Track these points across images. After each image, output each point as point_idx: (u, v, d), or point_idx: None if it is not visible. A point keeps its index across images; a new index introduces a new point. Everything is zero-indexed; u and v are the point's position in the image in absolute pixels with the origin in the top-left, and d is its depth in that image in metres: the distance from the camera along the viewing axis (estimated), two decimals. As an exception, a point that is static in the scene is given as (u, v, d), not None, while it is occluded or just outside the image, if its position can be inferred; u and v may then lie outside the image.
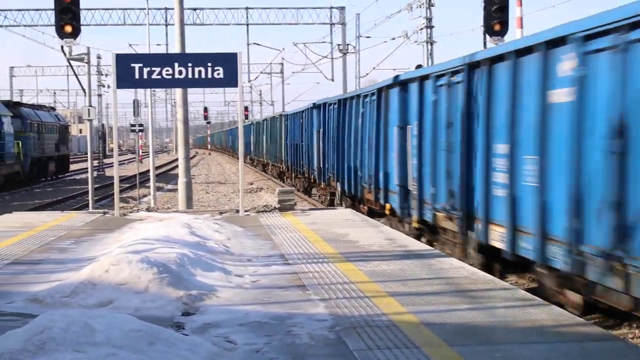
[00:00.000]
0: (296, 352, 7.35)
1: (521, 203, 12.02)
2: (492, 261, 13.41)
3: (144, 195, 38.12)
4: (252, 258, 12.81)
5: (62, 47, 21.91)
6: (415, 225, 17.46)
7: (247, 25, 59.87)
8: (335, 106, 27.87)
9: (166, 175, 59.29)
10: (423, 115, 17.00)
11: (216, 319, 8.65)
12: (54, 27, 21.98)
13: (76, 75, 27.78)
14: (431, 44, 43.16)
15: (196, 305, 9.38)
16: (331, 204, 28.92)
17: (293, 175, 42.68)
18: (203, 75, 18.96)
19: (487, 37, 21.13)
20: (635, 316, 9.73)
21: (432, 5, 43.37)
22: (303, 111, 38.31)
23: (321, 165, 31.42)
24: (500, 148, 12.86)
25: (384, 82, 20.93)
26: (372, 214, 21.61)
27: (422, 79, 17.09)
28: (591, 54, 10.08)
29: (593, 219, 9.90)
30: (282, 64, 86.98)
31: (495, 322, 8.33)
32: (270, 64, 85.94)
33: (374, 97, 21.51)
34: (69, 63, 24.42)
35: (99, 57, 69.88)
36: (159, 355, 6.93)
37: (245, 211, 19.95)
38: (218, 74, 18.96)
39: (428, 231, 17.00)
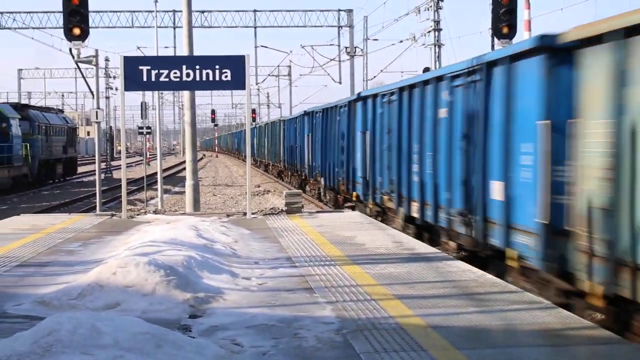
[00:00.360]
0: (303, 355, 7.34)
1: (426, 185, 16.97)
2: (421, 229, 17.83)
3: (152, 198, 38.15)
4: (259, 261, 12.81)
5: (70, 49, 21.91)
6: (370, 206, 22.24)
7: (255, 27, 59.98)
8: (321, 114, 32.72)
9: (173, 178, 59.33)
10: (375, 123, 21.96)
11: (223, 322, 8.65)
12: (62, 30, 21.99)
13: (84, 78, 27.77)
14: (439, 46, 43.13)
15: (203, 307, 9.38)
16: (318, 198, 34.06)
17: (289, 173, 47.39)
18: (211, 78, 18.99)
19: (496, 39, 21.06)
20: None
21: (440, 8, 43.34)
22: (297, 117, 42.94)
23: (311, 164, 36.04)
24: (415, 147, 17.83)
25: (352, 97, 26.62)
26: (345, 201, 27.30)
27: (374, 96, 22.21)
28: (454, 87, 15.17)
29: (457, 192, 14.81)
30: (289, 66, 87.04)
31: (502, 325, 8.32)
32: (278, 66, 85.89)
33: (346, 108, 26.32)
34: (77, 65, 24.41)
35: (107, 60, 69.93)
36: (166, 358, 6.93)
37: (253, 214, 19.96)
38: (226, 76, 18.99)
39: (382, 212, 21.43)
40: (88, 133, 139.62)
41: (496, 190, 12.98)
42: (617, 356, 7.25)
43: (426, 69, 35.50)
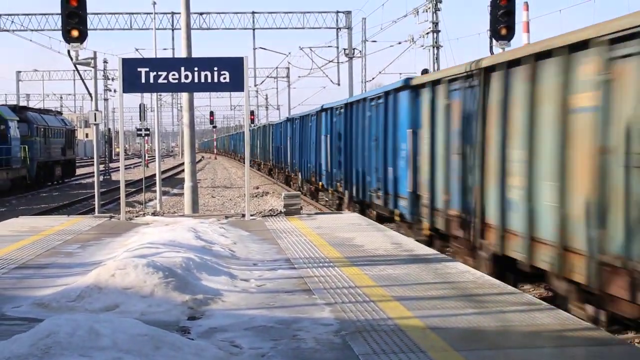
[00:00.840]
0: (302, 357, 7.34)
1: (359, 174, 24.12)
2: (361, 205, 24.01)
3: (150, 200, 38.15)
4: (257, 262, 12.81)
5: (68, 51, 21.86)
6: (330, 193, 29.84)
7: (254, 29, 60.04)
8: (299, 121, 40.92)
9: (172, 180, 59.32)
10: (332, 129, 29.21)
11: (222, 323, 8.64)
12: (60, 32, 21.97)
13: (82, 80, 27.71)
14: (437, 48, 43.19)
15: (202, 309, 9.38)
16: (299, 190, 38.74)
17: (277, 171, 54.23)
18: (209, 80, 18.99)
19: (494, 41, 21.06)
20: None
21: (439, 10, 43.40)
22: (281, 122, 51.75)
23: (292, 162, 43.71)
24: (354, 147, 25.00)
25: (318, 108, 33.22)
26: (317, 191, 35.16)
27: (331, 109, 29.36)
28: (372, 106, 22.47)
29: (373, 177, 21.99)
30: (288, 68, 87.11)
31: (501, 326, 8.32)
32: (277, 68, 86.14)
33: (315, 117, 34.40)
34: (76, 67, 24.39)
35: (105, 62, 70.05)
36: (165, 360, 6.93)
37: (251, 215, 19.96)
38: (224, 78, 18.99)
39: (338, 197, 28.29)
40: (86, 135, 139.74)
41: (390, 173, 20.59)
42: (615, 357, 7.25)
43: (424, 71, 35.51)
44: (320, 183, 32.87)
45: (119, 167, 25.34)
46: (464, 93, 15.07)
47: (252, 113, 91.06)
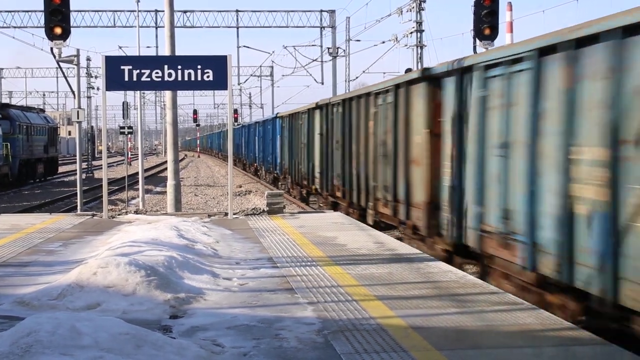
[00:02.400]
0: (284, 356, 7.33)
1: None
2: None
3: (133, 198, 38.05)
4: (240, 261, 12.79)
5: (51, 48, 21.77)
6: (281, 179, 37.71)
7: (237, 28, 59.92)
8: (262, 124, 50.39)
9: (155, 178, 59.16)
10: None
11: (204, 322, 8.63)
12: (43, 29, 21.88)
13: (65, 77, 27.63)
14: (421, 47, 43.21)
15: (184, 308, 9.36)
16: (274, 182, 44.67)
17: (252, 167, 59.52)
18: (193, 78, 18.95)
19: (478, 41, 21.10)
20: None
21: (423, 9, 43.42)
22: (251, 124, 61.42)
23: (257, 156, 52.45)
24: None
25: (274, 115, 40.62)
26: (274, 180, 43.02)
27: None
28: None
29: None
30: (272, 66, 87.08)
31: (483, 326, 8.33)
32: (260, 66, 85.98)
33: (272, 121, 43.13)
34: (59, 65, 24.28)
35: (88, 59, 69.84)
36: (146, 359, 6.91)
37: (234, 214, 19.93)
38: (208, 76, 18.96)
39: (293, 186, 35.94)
40: (69, 133, 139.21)
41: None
42: (597, 357, 7.28)
43: (408, 70, 35.55)
44: (275, 172, 43.40)
45: (101, 165, 25.25)
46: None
47: (235, 112, 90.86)
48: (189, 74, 18.91)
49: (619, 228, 8.84)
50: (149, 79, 18.90)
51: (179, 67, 18.93)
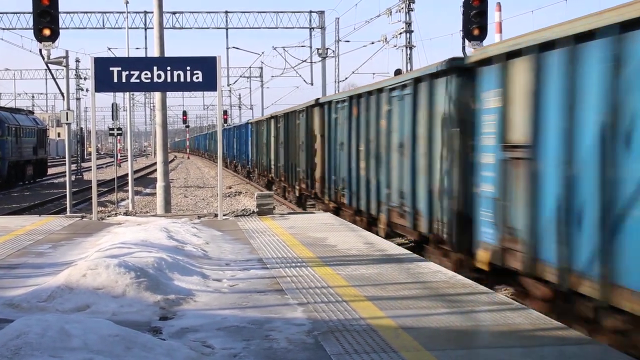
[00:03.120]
0: (274, 357, 7.33)
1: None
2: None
3: (122, 199, 37.97)
4: (230, 262, 12.78)
5: (40, 50, 21.74)
6: (257, 172, 44.91)
7: (227, 29, 59.84)
8: (238, 128, 60.69)
9: (144, 179, 59.08)
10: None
11: (194, 324, 8.62)
12: (32, 31, 21.82)
13: (54, 79, 27.59)
14: (410, 48, 43.22)
15: (174, 309, 9.35)
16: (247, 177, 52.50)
17: (237, 166, 64.82)
18: (182, 79, 18.93)
19: (467, 41, 21.13)
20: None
21: (412, 10, 43.44)
22: (233, 127, 70.42)
23: (239, 156, 58.64)
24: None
25: (248, 120, 52.78)
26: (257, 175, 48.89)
27: (256, 122, 45.94)
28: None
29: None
30: (261, 67, 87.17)
31: (473, 326, 8.35)
32: (250, 67, 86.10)
33: (248, 125, 52.82)
34: (47, 66, 24.30)
35: (77, 61, 69.64)
36: (136, 360, 6.89)
37: (224, 215, 19.91)
38: (197, 77, 18.94)
39: (269, 181, 41.54)
40: (58, 134, 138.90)
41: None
42: (586, 357, 7.29)
43: (397, 71, 35.58)
44: (256, 169, 49.56)
45: (91, 166, 25.21)
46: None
47: (225, 113, 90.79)
48: (179, 75, 18.89)
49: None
50: (138, 81, 18.87)
51: (169, 68, 18.91)
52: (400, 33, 43.82)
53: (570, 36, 9.83)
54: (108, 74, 18.75)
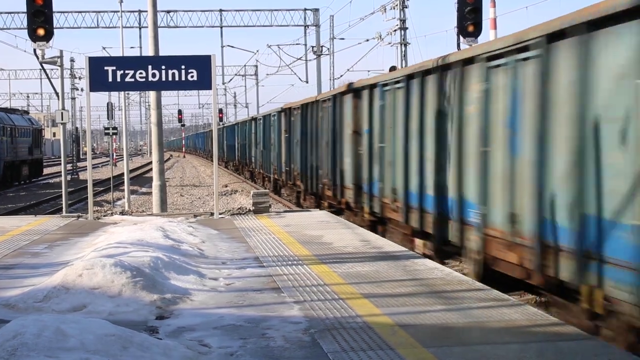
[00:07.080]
0: (271, 355, 7.33)
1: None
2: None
3: (118, 199, 37.96)
4: (226, 261, 12.78)
5: (34, 50, 21.70)
6: (246, 168, 52.09)
7: (221, 27, 59.75)
8: (231, 127, 63.82)
9: (140, 179, 59.05)
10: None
11: (190, 323, 8.62)
12: (26, 30, 21.80)
13: (49, 79, 27.54)
14: (405, 45, 43.26)
15: (170, 308, 9.35)
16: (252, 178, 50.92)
17: (230, 164, 68.63)
18: (177, 78, 18.91)
19: (461, 38, 21.12)
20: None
21: (406, 7, 43.47)
22: (226, 126, 74.15)
23: (243, 157, 56.61)
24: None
25: (237, 120, 60.08)
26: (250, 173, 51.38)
27: (240, 123, 55.73)
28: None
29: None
30: (256, 66, 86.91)
31: (469, 322, 8.35)
32: (245, 66, 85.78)
33: (234, 126, 59.76)
34: (42, 66, 24.22)
35: (72, 60, 69.62)
36: (133, 360, 6.89)
37: (220, 214, 19.91)
38: (192, 76, 18.92)
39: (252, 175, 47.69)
40: (54, 134, 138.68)
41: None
42: (583, 352, 7.30)
43: (392, 68, 35.57)
44: (251, 166, 50.83)
45: (86, 166, 25.18)
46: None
47: (220, 111, 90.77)
48: (173, 74, 18.87)
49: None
50: (133, 80, 18.85)
51: (163, 67, 18.89)
52: (395, 30, 43.87)
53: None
54: (103, 73, 18.73)
